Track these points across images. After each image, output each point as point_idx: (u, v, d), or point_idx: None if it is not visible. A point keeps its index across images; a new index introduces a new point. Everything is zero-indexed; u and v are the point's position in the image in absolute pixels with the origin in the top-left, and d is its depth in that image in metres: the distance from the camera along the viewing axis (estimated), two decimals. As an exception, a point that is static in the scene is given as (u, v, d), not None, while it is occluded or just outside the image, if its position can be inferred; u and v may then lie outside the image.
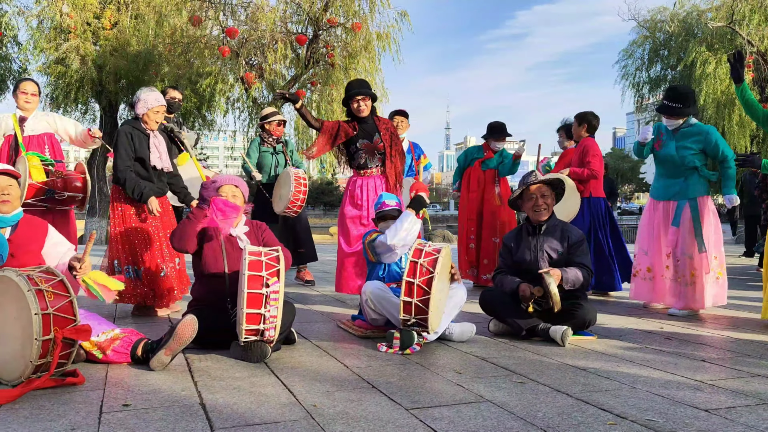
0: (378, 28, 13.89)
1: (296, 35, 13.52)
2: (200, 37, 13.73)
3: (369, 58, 14.10)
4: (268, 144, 6.21)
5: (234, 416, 2.17)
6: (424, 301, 3.16)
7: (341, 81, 14.01)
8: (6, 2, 15.29)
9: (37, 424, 2.06)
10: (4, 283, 2.55)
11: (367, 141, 4.62)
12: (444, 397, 2.43)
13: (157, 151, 4.36)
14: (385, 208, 3.84)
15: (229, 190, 3.48)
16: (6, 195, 3.08)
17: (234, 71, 13.94)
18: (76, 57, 14.04)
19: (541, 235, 3.73)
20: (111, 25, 14.68)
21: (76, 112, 16.16)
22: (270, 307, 2.92)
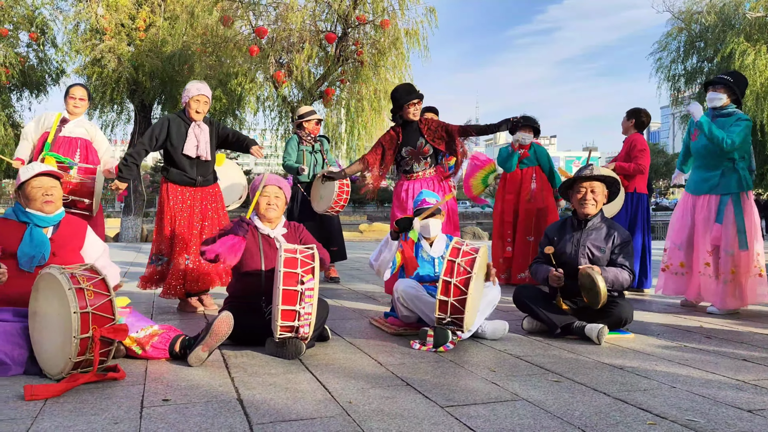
0: (406, 24, 13.88)
1: (325, 33, 13.57)
2: (231, 37, 13.89)
3: (397, 54, 14.09)
4: (306, 143, 6.24)
5: (271, 412, 2.20)
6: (460, 301, 3.15)
7: (370, 78, 14.05)
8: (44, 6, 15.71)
9: (81, 417, 2.11)
10: (48, 281, 2.62)
11: (411, 147, 4.64)
12: (479, 396, 2.42)
13: (195, 140, 4.35)
14: (424, 205, 3.81)
15: (272, 191, 3.54)
16: (49, 195, 3.15)
17: (264, 70, 14.07)
18: (112, 57, 14.35)
19: (585, 231, 3.68)
20: (145, 26, 14.95)
21: (111, 113, 16.54)
22: (305, 304, 2.94)
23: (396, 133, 4.68)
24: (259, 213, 3.55)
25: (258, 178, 3.68)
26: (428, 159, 4.66)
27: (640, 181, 5.56)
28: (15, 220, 3.11)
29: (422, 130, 4.63)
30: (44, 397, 2.31)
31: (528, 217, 6.03)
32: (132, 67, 14.60)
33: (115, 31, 14.56)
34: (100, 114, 16.34)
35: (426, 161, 4.65)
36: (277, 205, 3.55)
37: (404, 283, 3.60)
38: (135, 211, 16.56)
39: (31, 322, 2.72)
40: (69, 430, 1.98)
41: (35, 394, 2.31)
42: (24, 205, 3.16)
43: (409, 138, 4.65)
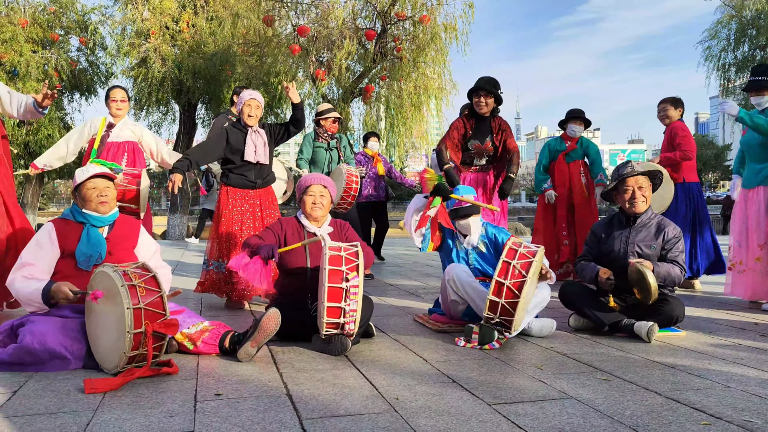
0: (445, 19, 13.80)
1: (365, 30, 13.62)
2: (272, 36, 14.07)
3: (437, 50, 14.03)
4: (322, 139, 6.27)
5: (320, 407, 2.23)
6: (511, 303, 3.12)
7: (409, 74, 14.02)
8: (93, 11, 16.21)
9: (139, 410, 2.19)
10: (102, 279, 2.71)
11: (478, 142, 4.63)
12: (526, 393, 2.40)
13: (253, 146, 4.48)
14: (463, 204, 3.76)
15: (317, 190, 3.59)
16: (104, 196, 3.26)
17: (304, 68, 14.19)
18: (157, 58, 14.72)
19: (634, 228, 3.61)
20: (188, 27, 15.28)
21: (157, 113, 16.95)
22: (350, 301, 2.97)
23: (464, 124, 4.65)
24: (305, 212, 3.61)
25: (304, 177, 3.73)
26: (489, 157, 4.63)
27: (688, 171, 5.41)
28: (73, 221, 3.23)
29: (493, 129, 4.60)
30: (103, 391, 2.40)
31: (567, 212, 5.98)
32: (176, 68, 14.94)
33: (159, 33, 14.92)
34: (146, 115, 16.77)
35: (487, 158, 4.63)
36: (323, 204, 3.60)
37: (458, 267, 3.58)
38: (181, 209, 16.96)
39: (87, 319, 2.82)
40: (127, 423, 2.05)
41: (95, 388, 2.40)
42: (80, 206, 3.28)
43: (478, 132, 4.62)
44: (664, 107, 5.55)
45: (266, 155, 4.56)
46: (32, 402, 2.28)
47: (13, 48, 14.63)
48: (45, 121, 15.15)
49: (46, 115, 15.03)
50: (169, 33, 15.22)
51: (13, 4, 15.69)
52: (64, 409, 2.19)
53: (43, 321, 2.82)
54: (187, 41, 15.23)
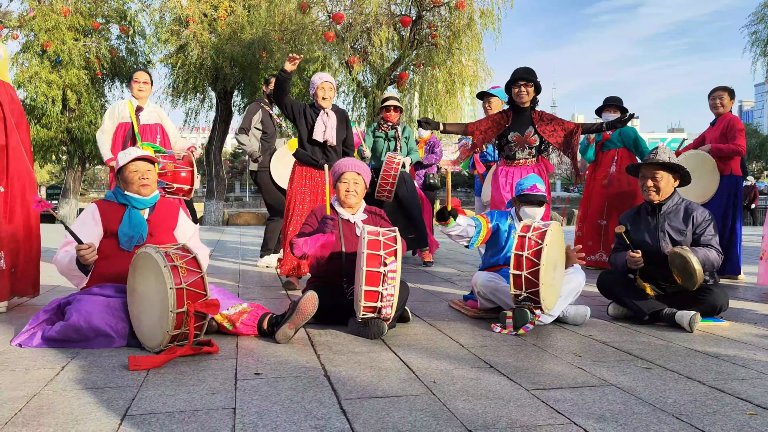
0: (481, 4, 13.64)
1: (400, 17, 13.55)
2: (307, 23, 14.10)
3: (472, 36, 13.88)
4: (381, 130, 6.30)
5: (358, 388, 2.25)
6: (533, 273, 3.08)
7: (444, 61, 13.92)
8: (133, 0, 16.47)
9: (182, 387, 2.24)
10: (145, 260, 2.77)
11: (519, 134, 4.56)
12: (565, 380, 2.38)
13: (323, 126, 4.71)
14: (535, 191, 3.69)
15: (351, 177, 3.59)
16: (145, 179, 3.33)
17: (339, 56, 14.21)
18: (196, 45, 14.90)
19: (661, 215, 3.53)
20: (226, 15, 15.43)
21: (194, 100, 17.19)
22: (387, 285, 2.98)
23: (506, 116, 4.61)
24: (340, 199, 3.62)
25: (337, 163, 3.73)
26: (533, 149, 4.57)
27: (735, 163, 5.26)
28: (116, 202, 3.31)
29: (534, 120, 4.53)
30: (146, 368, 2.46)
31: (601, 200, 5.87)
32: (214, 54, 15.12)
33: (198, 20, 15.10)
34: (183, 101, 17.04)
35: (530, 150, 4.56)
36: (356, 191, 3.61)
37: (483, 276, 3.57)
38: (217, 196, 17.22)
39: (130, 298, 2.89)
40: (171, 399, 2.10)
41: (138, 365, 2.46)
42: (123, 189, 3.35)
43: (518, 124, 4.57)
44: (720, 95, 5.40)
45: (334, 137, 4.76)
46: (80, 377, 2.35)
47: (56, 37, 14.98)
48: (87, 108, 15.51)
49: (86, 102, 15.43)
50: (207, 20, 15.39)
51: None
52: (110, 385, 2.26)
53: (89, 300, 2.90)
54: (225, 28, 15.38)
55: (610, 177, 5.86)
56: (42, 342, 2.81)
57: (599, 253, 5.95)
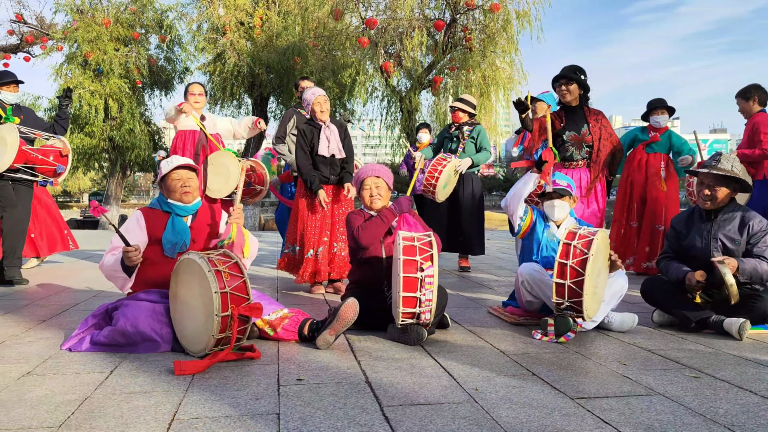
0: (517, 6, 13.53)
1: (434, 21, 13.54)
2: (341, 29, 14.20)
3: (507, 38, 13.78)
4: (449, 131, 6.32)
5: (399, 395, 2.25)
6: (577, 283, 3.04)
7: (478, 64, 13.85)
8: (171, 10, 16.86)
9: (226, 392, 2.27)
10: (189, 266, 2.82)
11: (575, 133, 4.51)
12: (611, 388, 2.34)
13: (327, 141, 4.69)
14: (554, 186, 3.68)
15: (371, 182, 3.61)
16: (187, 187, 3.39)
17: (373, 61, 14.27)
18: (232, 53, 15.16)
19: (715, 221, 3.43)
20: (261, 23, 15.66)
21: (231, 107, 17.47)
22: (425, 290, 2.97)
23: (559, 117, 4.56)
24: (366, 206, 3.64)
25: (358, 170, 3.75)
26: (590, 148, 4.50)
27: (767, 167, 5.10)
28: (160, 210, 3.38)
29: (587, 117, 4.47)
30: (191, 373, 2.50)
31: (656, 204, 5.75)
32: (250, 61, 15.35)
33: (234, 28, 15.36)
34: (220, 108, 17.34)
35: (588, 150, 4.50)
36: (380, 194, 3.62)
37: (529, 266, 3.52)
38: (253, 201, 17.45)
39: (172, 304, 2.94)
40: (216, 404, 2.13)
41: (183, 369, 2.51)
42: (166, 196, 3.42)
43: (572, 123, 4.50)
44: (738, 101, 5.29)
45: (340, 149, 4.73)
46: (128, 381, 2.40)
47: (98, 47, 15.41)
48: (127, 116, 15.90)
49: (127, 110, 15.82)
50: (243, 28, 15.64)
51: (97, 4, 16.51)
52: (157, 389, 2.30)
53: (135, 305, 2.97)
54: (260, 36, 15.61)
55: (665, 181, 5.74)
56: (91, 346, 2.88)
57: (632, 258, 5.85)
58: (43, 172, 5.23)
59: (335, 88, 15.39)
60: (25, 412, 2.05)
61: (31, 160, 5.07)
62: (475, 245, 6.09)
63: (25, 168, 5.05)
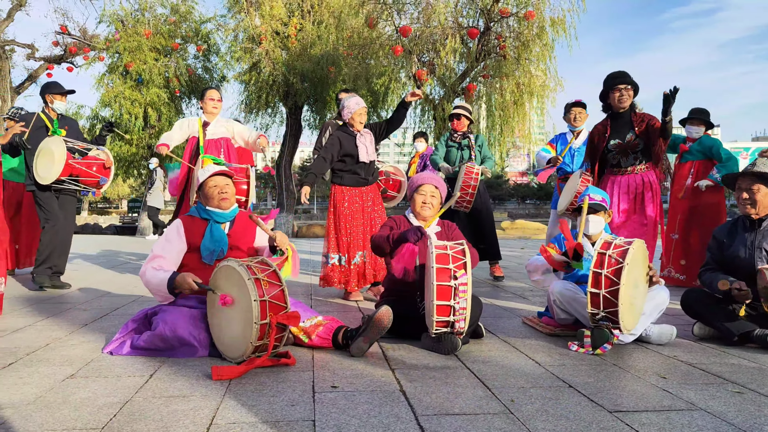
0: (552, 13, 13.42)
1: (467, 29, 13.51)
2: (375, 37, 14.28)
3: (542, 45, 13.66)
4: (453, 139, 6.29)
5: (434, 404, 2.24)
6: (612, 292, 2.98)
7: (512, 72, 13.76)
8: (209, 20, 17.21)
9: (262, 398, 2.30)
10: (227, 273, 2.86)
11: (619, 140, 4.46)
12: (650, 402, 2.29)
13: (365, 147, 4.87)
14: (589, 201, 3.62)
15: (428, 190, 3.62)
16: (225, 193, 3.45)
17: (406, 69, 14.30)
18: (268, 62, 15.38)
19: (759, 231, 3.34)
20: (296, 32, 15.87)
21: (265, 116, 17.72)
22: (459, 299, 2.96)
23: (604, 126, 4.52)
24: (415, 211, 3.64)
25: (416, 175, 3.76)
26: (638, 154, 4.44)
27: None
28: (198, 218, 3.45)
29: (634, 123, 4.42)
30: (228, 378, 2.54)
31: (674, 214, 5.64)
32: (285, 71, 15.55)
33: (270, 38, 15.59)
34: (255, 117, 17.59)
35: (635, 156, 4.44)
36: (433, 203, 3.62)
37: (561, 284, 3.48)
38: (287, 209, 17.61)
39: (210, 311, 2.99)
40: (253, 409, 2.16)
41: (221, 375, 2.55)
42: (204, 204, 3.49)
43: (617, 130, 4.46)
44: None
45: (373, 153, 4.93)
46: (167, 385, 2.45)
47: (138, 57, 15.82)
48: (166, 124, 16.24)
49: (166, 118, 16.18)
50: (278, 38, 15.86)
51: (139, 15, 16.96)
52: (195, 393, 2.34)
53: (174, 311, 3.03)
54: (295, 45, 15.81)
55: (686, 190, 5.62)
56: (131, 350, 2.95)
57: (668, 269, 5.73)
58: (87, 184, 5.38)
59: (369, 96, 15.46)
60: (69, 413, 2.11)
61: (76, 171, 5.21)
62: (498, 250, 6.09)
63: (69, 180, 5.20)
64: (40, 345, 3.14)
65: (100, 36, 18.05)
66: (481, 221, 6.06)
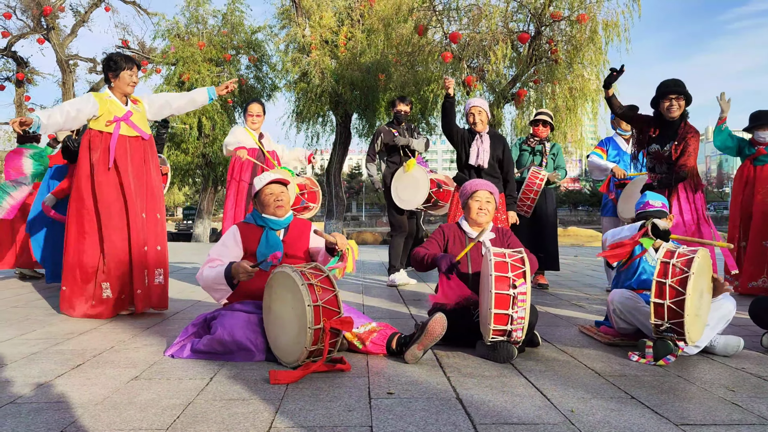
0: (605, 16, 13.15)
1: (518, 34, 13.38)
2: (424, 44, 14.30)
3: (595, 49, 13.40)
4: (529, 143, 6.25)
5: (492, 413, 2.21)
6: (678, 303, 2.88)
7: (564, 77, 13.54)
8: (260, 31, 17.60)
9: (319, 403, 2.32)
10: (282, 279, 2.90)
11: (658, 148, 4.40)
12: (718, 416, 2.20)
13: (477, 150, 5.02)
14: (647, 208, 3.53)
15: (484, 196, 3.61)
16: (280, 201, 3.51)
17: (455, 75, 14.25)
18: (317, 72, 15.60)
19: None
20: (345, 41, 16.05)
21: (316, 125, 17.97)
22: (517, 308, 2.92)
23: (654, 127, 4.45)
24: (470, 217, 3.61)
25: (469, 182, 3.74)
26: (670, 165, 4.35)
27: None
28: (254, 224, 3.51)
29: (679, 134, 4.33)
30: (285, 382, 2.57)
31: (763, 219, 5.35)
32: (334, 80, 15.74)
33: (319, 47, 15.82)
34: (306, 126, 17.86)
35: (667, 166, 4.36)
36: (488, 210, 3.59)
37: (620, 293, 3.38)
38: (336, 215, 17.77)
39: (266, 316, 3.04)
40: (311, 414, 2.18)
41: (278, 379, 2.58)
42: (260, 211, 3.56)
43: (662, 137, 4.41)
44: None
45: (486, 161, 5.03)
46: (227, 388, 2.50)
47: (193, 68, 16.31)
48: (219, 134, 16.68)
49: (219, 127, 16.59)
50: (328, 47, 16.07)
51: (193, 28, 17.50)
52: (254, 397, 2.38)
53: (231, 315, 3.09)
54: (345, 54, 15.99)
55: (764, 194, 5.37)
56: (191, 354, 3.02)
57: (762, 278, 5.41)
58: None
59: (417, 103, 15.49)
60: (135, 414, 2.18)
61: None
62: (556, 261, 5.98)
63: None
64: (106, 348, 3.26)
65: (157, 49, 18.71)
66: (541, 228, 5.95)
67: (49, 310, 4.48)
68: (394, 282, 6.00)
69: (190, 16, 17.64)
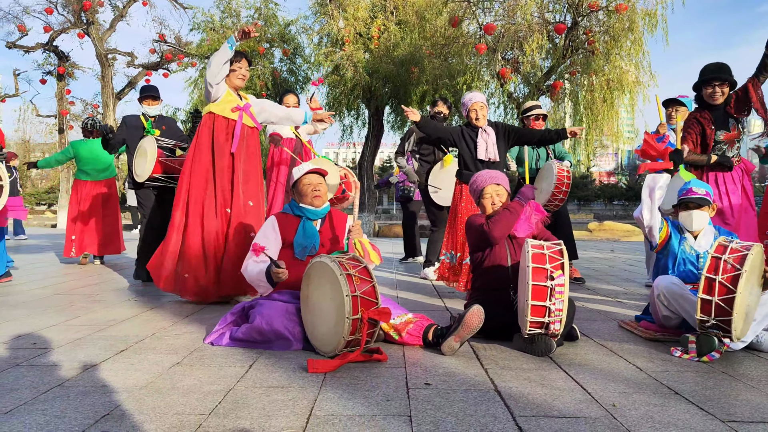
0: (644, 5, 12.85)
1: (554, 24, 13.16)
2: (458, 36, 14.18)
3: (633, 40, 13.10)
4: None
5: (531, 406, 2.19)
6: (727, 300, 2.81)
7: (601, 68, 13.28)
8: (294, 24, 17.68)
9: (358, 392, 2.32)
10: (320, 269, 2.92)
11: (726, 131, 4.30)
12: (767, 413, 2.14)
13: (485, 144, 4.86)
14: (690, 195, 3.44)
15: (492, 190, 3.62)
16: (317, 191, 3.54)
17: (489, 67, 14.10)
18: (350, 66, 15.60)
19: None
20: (378, 34, 16.02)
21: (349, 118, 17.99)
22: (555, 300, 2.88)
23: (707, 119, 4.34)
24: (488, 214, 3.60)
25: (474, 178, 3.75)
26: (738, 143, 4.27)
27: None
28: (291, 214, 3.54)
29: (729, 113, 4.24)
30: (323, 371, 2.59)
31: None
32: (366, 74, 15.72)
33: (353, 40, 15.81)
34: (339, 118, 17.90)
35: (738, 146, 4.27)
36: (501, 200, 3.60)
37: (666, 279, 3.30)
38: (368, 209, 17.80)
39: (303, 306, 3.06)
40: (350, 402, 2.19)
41: (316, 368, 2.60)
42: (298, 201, 3.58)
43: (720, 122, 4.29)
44: None
45: (496, 154, 4.85)
46: (266, 375, 2.53)
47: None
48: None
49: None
50: (361, 40, 16.06)
51: (227, 21, 17.66)
52: (293, 385, 2.40)
53: (270, 305, 3.13)
54: (378, 46, 15.95)
55: None
56: (230, 342, 3.07)
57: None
58: None
59: (450, 96, 15.38)
60: (178, 399, 2.22)
61: (170, 169, 5.47)
62: (575, 249, 5.91)
63: (164, 177, 5.46)
64: (147, 334, 3.33)
65: (193, 43, 18.96)
66: (559, 220, 5.88)
67: (91, 298, 4.60)
68: (428, 276, 5.99)
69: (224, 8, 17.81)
